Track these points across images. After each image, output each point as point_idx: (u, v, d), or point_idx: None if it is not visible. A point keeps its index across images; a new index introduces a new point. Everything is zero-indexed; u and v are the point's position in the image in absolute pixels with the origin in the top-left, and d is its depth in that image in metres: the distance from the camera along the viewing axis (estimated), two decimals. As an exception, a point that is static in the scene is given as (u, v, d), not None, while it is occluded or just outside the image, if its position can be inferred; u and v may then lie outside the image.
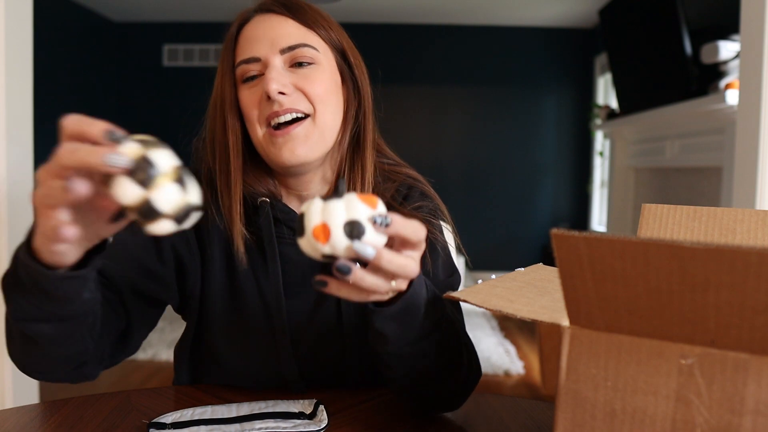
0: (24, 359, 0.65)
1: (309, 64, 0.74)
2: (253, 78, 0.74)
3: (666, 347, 0.36)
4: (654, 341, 0.36)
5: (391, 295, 0.56)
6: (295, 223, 0.51)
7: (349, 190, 0.78)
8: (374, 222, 0.49)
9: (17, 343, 0.62)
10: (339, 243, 0.49)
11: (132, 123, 5.18)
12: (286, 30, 0.74)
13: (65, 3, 4.44)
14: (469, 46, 5.15)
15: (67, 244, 0.50)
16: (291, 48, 0.73)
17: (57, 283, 0.53)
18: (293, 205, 0.80)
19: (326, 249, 0.49)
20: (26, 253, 0.52)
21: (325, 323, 0.78)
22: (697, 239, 0.55)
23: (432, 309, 0.61)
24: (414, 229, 0.52)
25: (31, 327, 0.57)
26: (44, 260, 0.52)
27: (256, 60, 0.73)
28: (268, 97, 0.71)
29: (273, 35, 0.74)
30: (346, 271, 0.51)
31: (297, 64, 0.74)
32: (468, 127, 5.21)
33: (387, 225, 0.50)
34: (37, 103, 1.74)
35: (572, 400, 0.39)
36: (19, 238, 1.63)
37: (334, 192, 0.53)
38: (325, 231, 0.49)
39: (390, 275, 0.53)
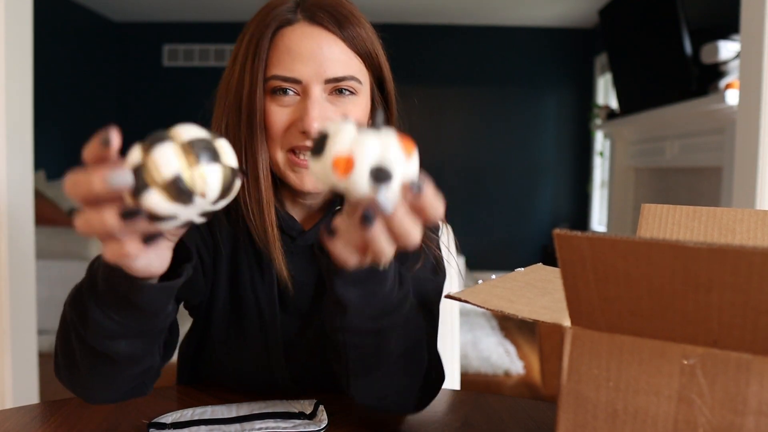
0: (90, 383, 0.59)
1: (350, 93, 0.70)
2: (285, 91, 0.69)
3: (668, 347, 0.36)
4: (656, 341, 0.36)
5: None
6: (314, 141, 0.43)
7: None
8: (410, 186, 0.42)
9: (83, 367, 0.57)
10: (359, 185, 0.42)
11: (132, 123, 5.18)
12: (334, 55, 0.68)
13: (65, 3, 4.44)
14: (469, 46, 5.15)
15: (140, 261, 0.46)
16: (337, 80, 0.68)
17: (150, 294, 0.49)
18: (296, 212, 0.78)
19: (341, 184, 0.42)
20: (111, 266, 0.48)
21: (319, 333, 0.77)
22: (696, 239, 0.55)
23: (398, 285, 0.56)
24: (437, 209, 0.45)
25: (110, 345, 0.53)
26: (132, 273, 0.47)
27: (296, 81, 0.68)
28: (303, 131, 0.67)
29: (321, 59, 0.67)
30: (371, 222, 0.43)
31: (338, 91, 0.69)
32: (468, 127, 5.22)
33: (419, 191, 0.43)
34: (37, 103, 1.74)
35: (574, 400, 0.39)
36: (19, 237, 1.63)
37: (372, 123, 0.46)
38: (348, 165, 0.41)
39: (393, 239, 0.46)
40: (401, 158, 0.42)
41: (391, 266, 0.54)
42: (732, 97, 2.24)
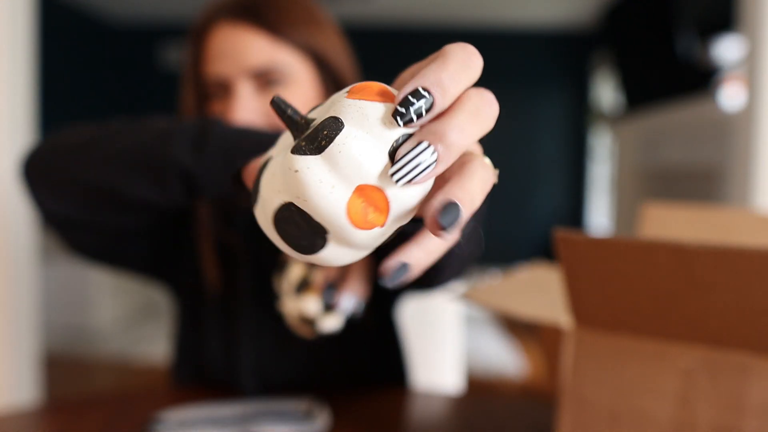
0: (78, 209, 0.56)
1: (281, 83, 0.68)
2: (225, 92, 0.69)
3: (668, 348, 0.36)
4: (657, 342, 0.36)
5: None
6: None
7: None
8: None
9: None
10: (405, 201, 0.26)
11: (132, 123, 5.17)
12: (252, 46, 0.67)
13: (64, 4, 4.44)
14: (469, 46, 5.15)
15: None
16: (257, 69, 0.67)
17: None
18: None
19: (382, 230, 0.26)
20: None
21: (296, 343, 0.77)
22: (697, 240, 0.55)
23: None
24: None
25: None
26: None
27: (223, 79, 0.68)
28: None
29: (238, 52, 0.67)
30: (456, 218, 0.25)
31: (268, 82, 0.68)
32: (468, 127, 5.21)
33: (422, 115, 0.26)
34: (36, 104, 1.74)
35: (575, 401, 0.39)
36: (19, 237, 1.62)
37: (291, 126, 0.27)
38: (381, 199, 0.25)
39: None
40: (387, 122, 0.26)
41: None
42: (732, 97, 2.24)
